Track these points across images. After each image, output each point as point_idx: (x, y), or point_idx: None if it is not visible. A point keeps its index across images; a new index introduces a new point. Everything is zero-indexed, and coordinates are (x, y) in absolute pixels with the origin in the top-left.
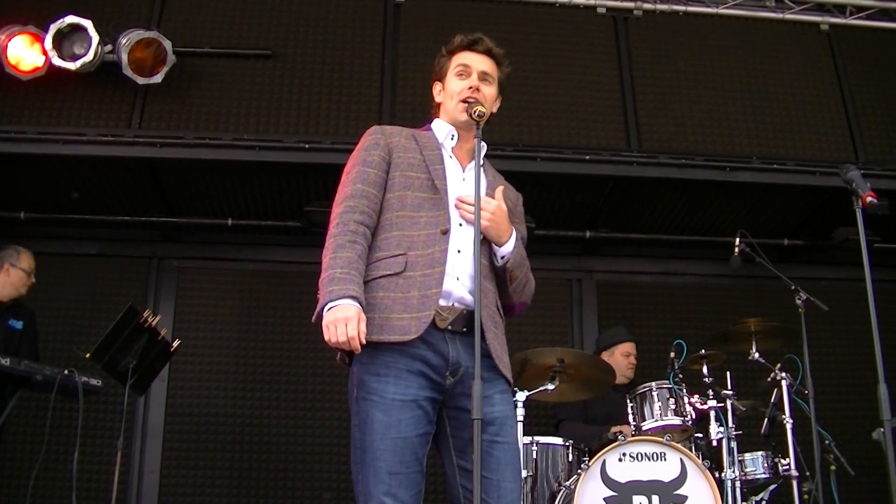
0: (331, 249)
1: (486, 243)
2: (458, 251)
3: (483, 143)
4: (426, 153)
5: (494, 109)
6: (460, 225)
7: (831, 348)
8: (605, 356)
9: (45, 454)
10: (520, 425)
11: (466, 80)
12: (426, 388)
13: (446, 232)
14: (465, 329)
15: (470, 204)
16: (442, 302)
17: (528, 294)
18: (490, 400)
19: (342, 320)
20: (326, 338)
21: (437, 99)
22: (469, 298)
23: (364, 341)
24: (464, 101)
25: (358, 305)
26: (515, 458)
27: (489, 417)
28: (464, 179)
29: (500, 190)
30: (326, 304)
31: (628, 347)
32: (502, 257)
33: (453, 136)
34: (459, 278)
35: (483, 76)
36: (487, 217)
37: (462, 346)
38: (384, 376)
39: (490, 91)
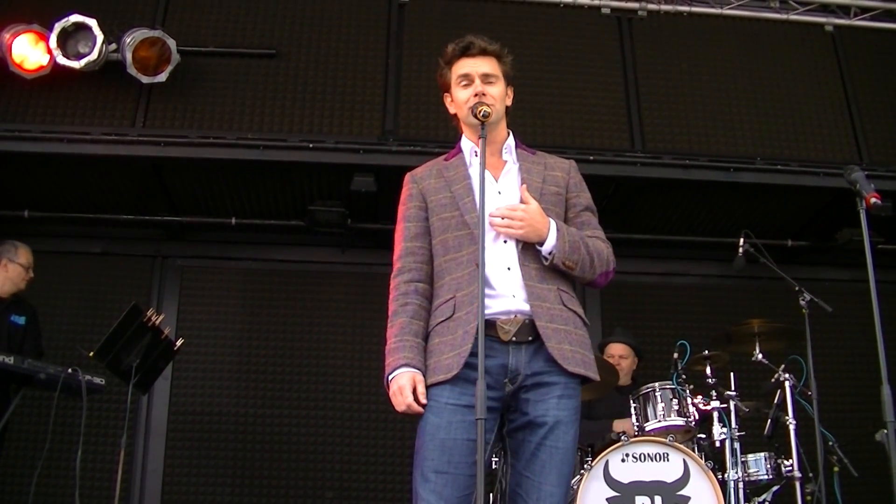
0: (389, 318)
1: (530, 248)
2: (508, 268)
3: (511, 136)
4: (454, 188)
5: (509, 102)
6: (504, 242)
7: (835, 349)
8: None
9: (49, 452)
10: None
11: (471, 88)
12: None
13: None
14: (529, 338)
15: (497, 216)
16: (503, 316)
17: (602, 265)
18: (545, 404)
19: (398, 391)
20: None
21: (451, 111)
22: (527, 308)
23: (424, 401)
24: (469, 108)
25: (412, 370)
26: (563, 463)
27: (540, 421)
28: (500, 193)
29: (523, 189)
30: (387, 377)
31: (610, 349)
32: (549, 254)
33: (476, 152)
34: (516, 295)
35: (485, 78)
36: (518, 226)
37: (527, 355)
38: (442, 384)
39: (496, 90)
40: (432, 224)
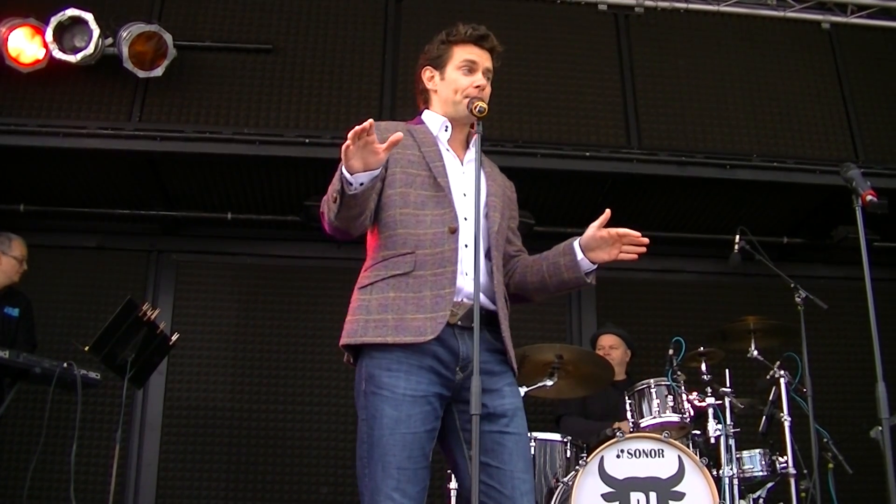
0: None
1: (502, 232)
2: (465, 245)
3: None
4: (424, 150)
5: None
6: (465, 219)
7: (830, 347)
8: None
9: (44, 447)
10: None
11: (472, 77)
12: (436, 383)
13: (455, 231)
14: (472, 325)
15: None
16: (455, 298)
17: None
18: (500, 393)
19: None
20: (344, 159)
21: (429, 86)
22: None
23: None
24: (466, 97)
25: None
26: (526, 449)
27: (500, 410)
28: (464, 173)
29: (608, 212)
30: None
31: (600, 340)
32: (593, 270)
33: (447, 127)
34: (468, 273)
35: (487, 73)
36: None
37: (471, 341)
38: (395, 371)
39: (489, 88)
40: (393, 174)
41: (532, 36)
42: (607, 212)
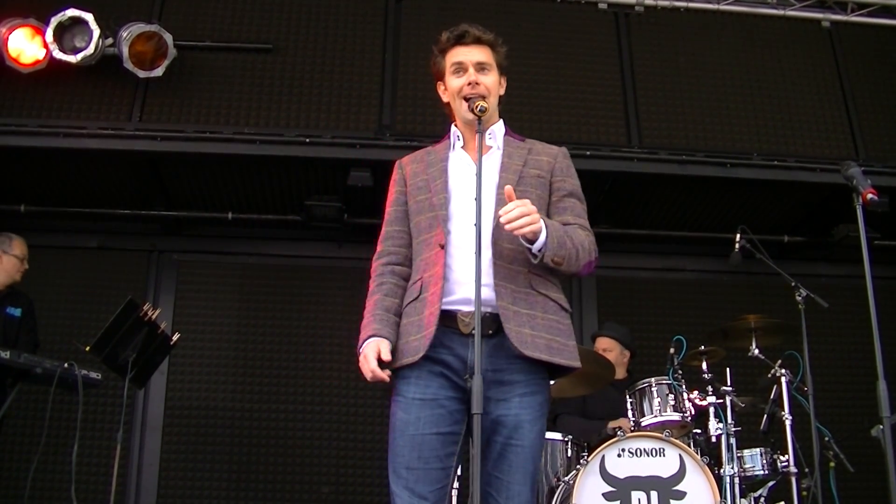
0: (368, 296)
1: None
2: (475, 252)
3: (500, 122)
4: (430, 171)
5: (502, 92)
6: (474, 225)
7: (831, 345)
8: None
9: (45, 447)
10: None
11: (464, 77)
12: (447, 387)
13: (444, 246)
14: (490, 332)
15: (513, 217)
16: (465, 308)
17: (586, 255)
18: (507, 403)
19: (363, 360)
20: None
21: (445, 99)
22: (490, 296)
23: (388, 357)
24: (466, 98)
25: (376, 338)
26: (528, 461)
27: (503, 420)
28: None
29: (509, 189)
30: (357, 350)
31: (596, 343)
32: (539, 251)
33: (459, 136)
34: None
35: (479, 67)
36: (516, 225)
37: (487, 349)
38: (407, 378)
39: (489, 79)
40: (410, 207)
41: (532, 35)
42: (508, 187)
